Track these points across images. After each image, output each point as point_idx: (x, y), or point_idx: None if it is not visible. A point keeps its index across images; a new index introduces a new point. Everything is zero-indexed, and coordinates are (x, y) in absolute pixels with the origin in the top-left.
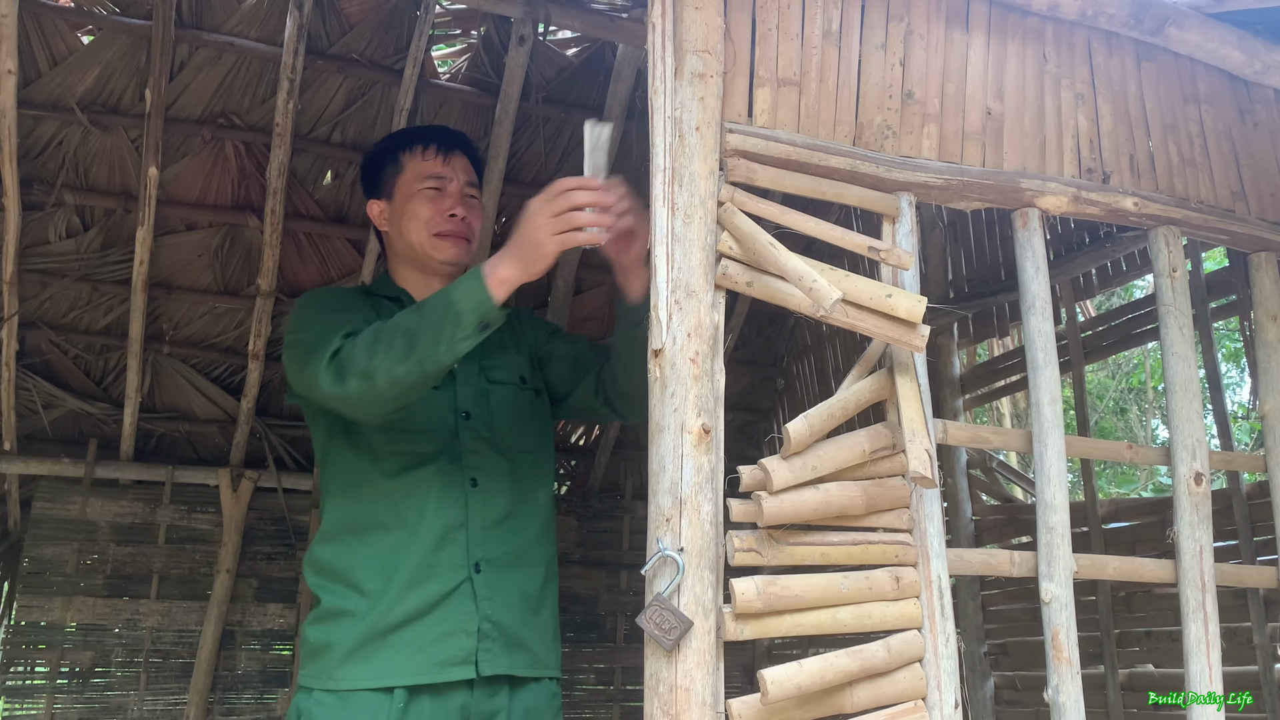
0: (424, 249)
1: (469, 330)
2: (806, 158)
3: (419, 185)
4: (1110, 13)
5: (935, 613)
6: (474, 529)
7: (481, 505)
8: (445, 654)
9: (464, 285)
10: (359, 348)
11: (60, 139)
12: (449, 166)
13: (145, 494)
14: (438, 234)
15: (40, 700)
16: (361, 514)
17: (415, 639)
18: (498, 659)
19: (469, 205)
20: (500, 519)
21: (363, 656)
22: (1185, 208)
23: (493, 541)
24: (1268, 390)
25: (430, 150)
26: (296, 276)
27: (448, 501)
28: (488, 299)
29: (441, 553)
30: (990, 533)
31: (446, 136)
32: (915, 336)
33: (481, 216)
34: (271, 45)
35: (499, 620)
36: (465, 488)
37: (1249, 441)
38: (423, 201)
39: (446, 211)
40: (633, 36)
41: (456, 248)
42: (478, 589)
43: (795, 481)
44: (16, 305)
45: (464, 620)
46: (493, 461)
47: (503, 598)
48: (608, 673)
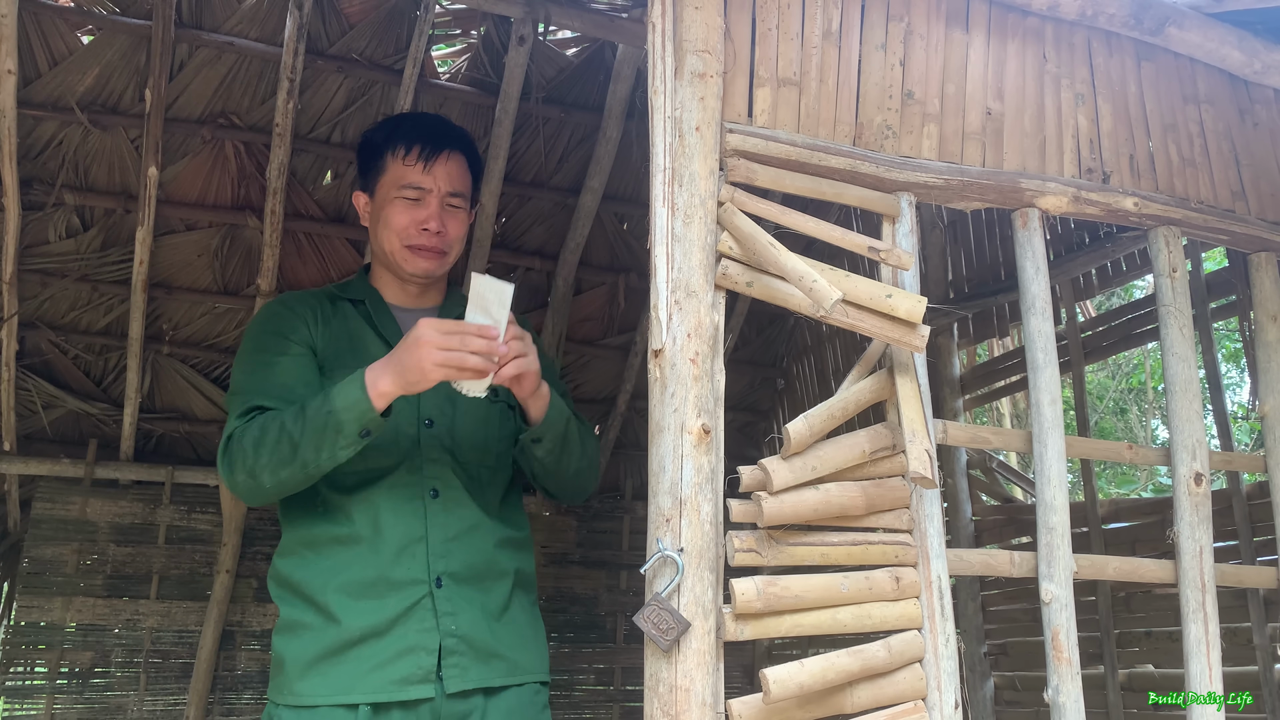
0: (395, 258)
1: (350, 438)
2: (806, 158)
3: (395, 192)
4: (1110, 13)
5: (935, 613)
6: (434, 541)
7: (442, 517)
8: (404, 672)
9: (346, 394)
10: (247, 442)
11: (60, 139)
12: (430, 175)
13: (145, 494)
14: (409, 246)
15: (40, 700)
16: (318, 527)
17: (373, 655)
18: (468, 673)
19: (449, 215)
20: (462, 531)
21: (320, 671)
22: (1185, 208)
23: (455, 554)
24: (1268, 390)
25: (413, 155)
26: (296, 276)
27: (406, 514)
28: (370, 409)
29: (400, 566)
30: (990, 533)
31: (434, 138)
32: (915, 337)
33: (466, 223)
34: (271, 45)
35: (465, 634)
36: (425, 499)
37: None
38: (399, 209)
39: (421, 224)
40: (633, 36)
41: (429, 262)
42: (439, 604)
43: (795, 482)
44: (16, 305)
45: (423, 637)
46: (455, 472)
47: (467, 611)
48: (608, 673)
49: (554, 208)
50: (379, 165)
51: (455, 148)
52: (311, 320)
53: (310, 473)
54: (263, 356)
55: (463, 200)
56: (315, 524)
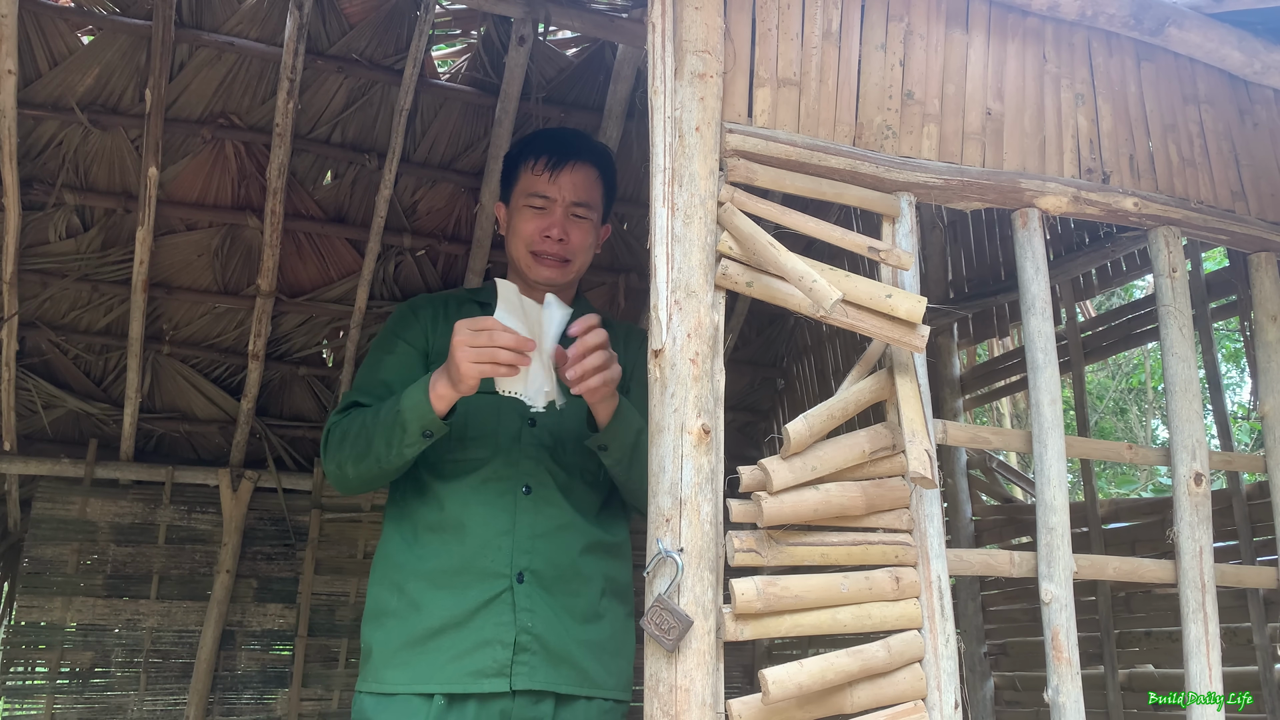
0: (522, 264)
1: (414, 438)
2: (806, 158)
3: (524, 200)
4: (1110, 13)
5: (935, 613)
6: (520, 536)
7: (531, 514)
8: (479, 664)
9: (412, 395)
10: (336, 435)
11: (60, 139)
12: (555, 185)
13: (145, 494)
14: (534, 253)
15: (40, 700)
16: (415, 514)
17: (453, 645)
18: (536, 674)
19: (573, 224)
20: (551, 529)
21: (403, 660)
22: (1185, 208)
23: (540, 551)
24: (1268, 390)
25: (540, 164)
26: (296, 276)
27: (497, 507)
28: (430, 411)
29: (484, 559)
30: (990, 533)
31: (561, 149)
32: (915, 337)
33: (592, 233)
34: (271, 45)
35: (540, 633)
36: (517, 495)
37: (1249, 441)
38: (526, 218)
39: (544, 231)
40: (633, 36)
41: (551, 270)
42: (518, 599)
43: (795, 482)
44: (16, 305)
45: (500, 631)
46: (551, 472)
47: (545, 610)
48: None
49: None
50: (514, 176)
51: (583, 159)
52: (430, 321)
53: (385, 468)
54: (375, 355)
55: (588, 210)
56: (413, 511)
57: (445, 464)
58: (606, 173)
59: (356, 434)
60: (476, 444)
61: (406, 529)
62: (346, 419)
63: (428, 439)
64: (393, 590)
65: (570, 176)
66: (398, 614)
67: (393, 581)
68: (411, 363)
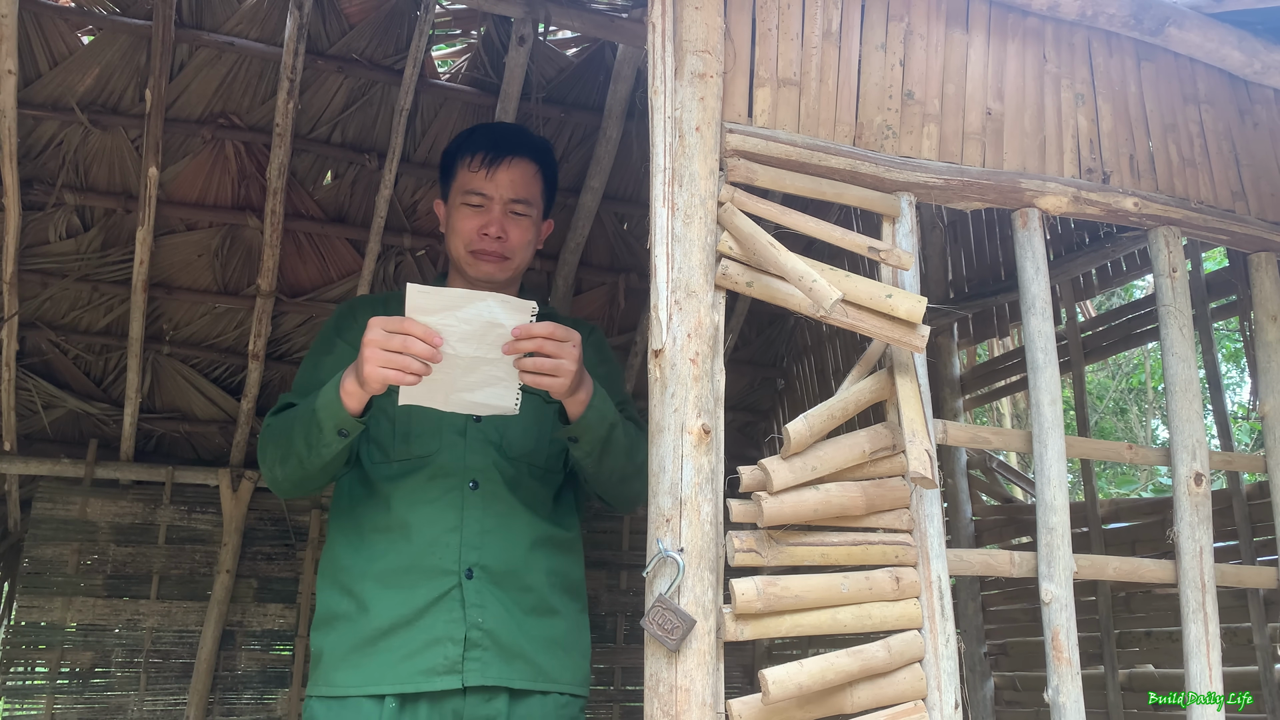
0: (462, 263)
1: (330, 438)
2: (806, 158)
3: (461, 198)
4: (1110, 13)
5: (935, 613)
6: (469, 532)
7: (480, 509)
8: (430, 662)
9: (325, 394)
10: (266, 436)
11: (60, 139)
12: (492, 182)
13: (145, 494)
14: (472, 251)
15: (40, 700)
16: (360, 515)
17: (403, 645)
18: (488, 669)
19: (513, 222)
20: (498, 525)
21: (353, 662)
22: (1185, 208)
23: (489, 547)
24: (1268, 390)
25: (476, 161)
26: (296, 276)
27: (443, 504)
28: (341, 409)
29: (432, 556)
30: (990, 533)
31: (499, 145)
32: (915, 337)
33: (532, 229)
34: (271, 45)
35: (490, 628)
36: (464, 490)
37: (1249, 441)
38: (464, 216)
39: (482, 230)
40: (633, 36)
41: (491, 266)
42: (467, 595)
43: (795, 482)
44: (16, 305)
45: (450, 628)
46: (499, 467)
47: (495, 606)
48: (608, 673)
49: (554, 208)
50: (451, 173)
51: (522, 155)
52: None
53: (308, 469)
54: (314, 357)
55: (527, 207)
56: (359, 512)
57: (390, 462)
58: (547, 167)
59: (280, 435)
60: (421, 440)
61: (352, 531)
62: (278, 419)
63: (344, 438)
64: (341, 593)
65: (508, 174)
66: (347, 616)
67: (341, 584)
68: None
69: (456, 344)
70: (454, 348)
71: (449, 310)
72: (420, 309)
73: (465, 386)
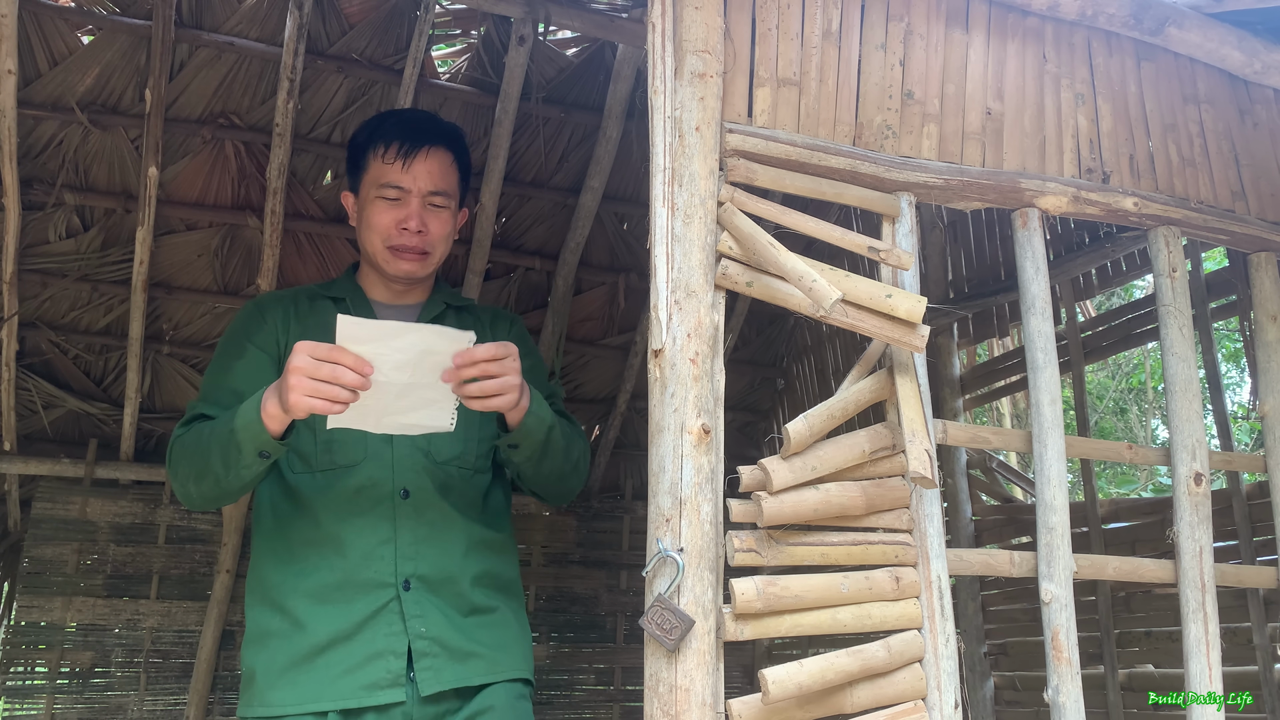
0: (379, 259)
1: (251, 459)
2: (806, 158)
3: (376, 191)
4: (1110, 13)
5: (935, 613)
6: (403, 543)
7: (413, 518)
8: (372, 677)
9: (245, 414)
10: (177, 450)
11: (60, 139)
12: (409, 174)
13: (145, 494)
14: (391, 247)
15: (40, 700)
16: (287, 529)
17: (341, 660)
18: (443, 674)
19: (431, 215)
20: (433, 533)
21: (289, 680)
22: (1185, 208)
23: (424, 556)
24: (1268, 390)
25: (391, 152)
26: (296, 276)
27: (374, 515)
28: (263, 432)
29: (367, 570)
30: (990, 533)
31: (413, 135)
32: (915, 337)
33: (450, 222)
34: (271, 45)
35: (436, 635)
36: (395, 500)
37: (1249, 441)
38: (380, 210)
39: (401, 224)
40: (633, 36)
41: (410, 263)
42: (407, 607)
43: (795, 482)
44: (16, 305)
45: (392, 641)
46: (429, 473)
47: (436, 614)
48: (608, 673)
49: (554, 208)
50: (361, 164)
51: (437, 144)
52: (281, 320)
53: (226, 488)
54: (222, 360)
55: (446, 199)
56: (286, 526)
57: (313, 472)
58: (461, 156)
59: (194, 451)
60: (344, 449)
61: (280, 547)
62: (189, 432)
63: (265, 459)
64: (273, 611)
65: (425, 165)
66: (281, 634)
67: (272, 601)
68: (263, 367)
69: (390, 372)
70: (386, 375)
71: (382, 340)
72: (353, 338)
73: (398, 410)
